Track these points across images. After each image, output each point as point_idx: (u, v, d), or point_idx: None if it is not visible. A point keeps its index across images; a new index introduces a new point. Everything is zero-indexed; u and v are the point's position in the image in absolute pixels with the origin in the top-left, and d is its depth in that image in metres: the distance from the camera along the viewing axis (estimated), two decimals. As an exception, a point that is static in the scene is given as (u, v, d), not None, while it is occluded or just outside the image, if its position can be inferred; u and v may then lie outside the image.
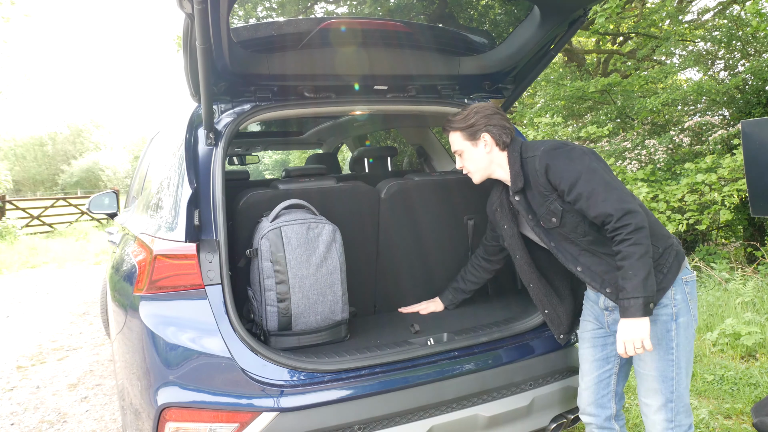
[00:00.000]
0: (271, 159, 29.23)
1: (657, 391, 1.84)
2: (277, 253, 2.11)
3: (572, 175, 1.79)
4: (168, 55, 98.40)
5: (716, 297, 4.65)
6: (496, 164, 2.02)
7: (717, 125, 6.43)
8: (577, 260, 1.91)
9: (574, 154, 1.82)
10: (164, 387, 1.78)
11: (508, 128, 2.00)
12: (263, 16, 10.10)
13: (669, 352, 1.82)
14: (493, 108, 2.02)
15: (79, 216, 17.95)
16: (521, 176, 1.93)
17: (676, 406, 1.83)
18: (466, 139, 2.02)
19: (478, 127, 1.98)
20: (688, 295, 1.85)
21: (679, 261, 1.85)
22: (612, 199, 1.73)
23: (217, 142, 2.15)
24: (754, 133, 2.55)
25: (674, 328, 1.81)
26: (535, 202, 1.93)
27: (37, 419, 3.58)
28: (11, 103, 28.26)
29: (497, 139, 1.98)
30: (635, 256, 1.69)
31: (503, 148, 1.99)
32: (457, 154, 2.08)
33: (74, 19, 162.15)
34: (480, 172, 2.05)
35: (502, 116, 2.01)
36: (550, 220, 1.89)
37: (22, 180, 41.05)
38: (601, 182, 1.76)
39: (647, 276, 1.68)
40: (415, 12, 8.61)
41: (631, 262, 1.69)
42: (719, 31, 6.72)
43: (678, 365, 1.82)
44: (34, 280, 9.34)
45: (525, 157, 1.94)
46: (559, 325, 2.14)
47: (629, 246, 1.70)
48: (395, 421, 1.90)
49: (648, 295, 1.68)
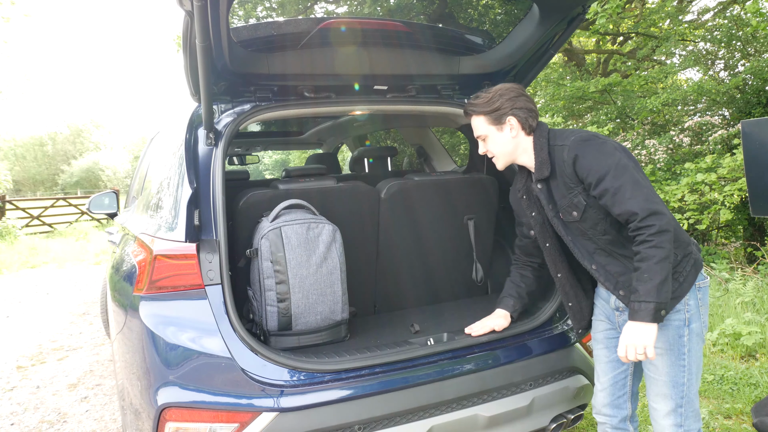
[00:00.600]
0: (271, 159, 29.23)
1: (667, 396, 1.81)
2: (277, 253, 2.11)
3: (601, 169, 1.72)
4: (168, 55, 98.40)
5: (716, 297, 4.65)
6: (522, 149, 1.93)
7: (717, 125, 6.43)
8: (593, 258, 1.87)
9: (606, 148, 1.75)
10: (164, 387, 1.78)
11: (533, 111, 1.92)
12: (263, 16, 10.10)
13: (681, 358, 1.79)
14: (518, 89, 1.93)
15: (79, 216, 17.95)
16: (548, 164, 1.85)
17: (685, 411, 1.81)
18: (490, 124, 1.92)
19: (503, 111, 1.89)
20: (700, 301, 1.82)
21: (696, 270, 1.81)
22: (639, 198, 1.67)
23: (217, 142, 2.15)
24: (754, 133, 2.55)
25: (686, 334, 1.78)
26: (557, 192, 1.86)
27: (37, 419, 3.58)
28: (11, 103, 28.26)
29: (523, 122, 1.89)
30: (654, 259, 1.64)
31: (529, 132, 1.91)
32: (480, 139, 1.99)
33: (74, 19, 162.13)
34: (505, 157, 1.97)
35: (527, 98, 1.92)
36: (571, 213, 1.83)
37: (22, 180, 41.05)
38: (630, 179, 1.69)
39: (663, 281, 1.63)
40: (415, 12, 8.61)
41: (649, 265, 1.64)
42: (719, 31, 6.72)
43: (689, 371, 1.80)
44: (34, 280, 9.33)
45: (553, 144, 1.86)
46: (581, 319, 2.08)
47: (650, 248, 1.64)
48: (395, 421, 1.89)
49: (661, 301, 1.63)
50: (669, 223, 1.66)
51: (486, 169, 3.05)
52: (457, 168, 3.66)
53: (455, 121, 2.95)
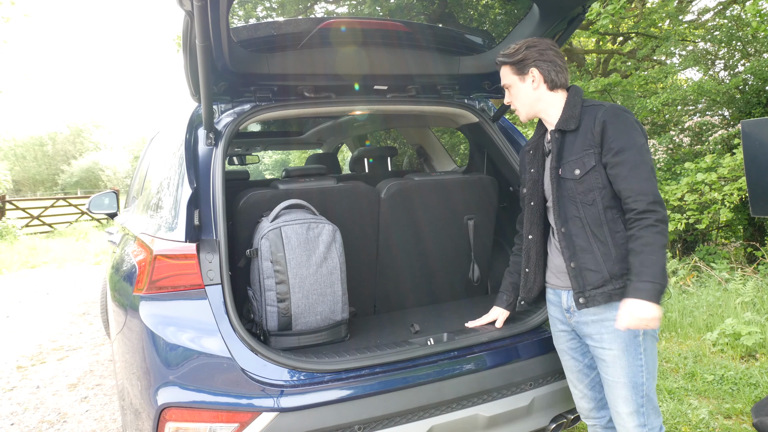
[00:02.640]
0: (271, 159, 29.24)
1: (628, 397, 1.82)
2: (277, 253, 2.11)
3: (628, 141, 1.73)
4: (168, 55, 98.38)
5: (716, 297, 4.65)
6: (546, 102, 1.92)
7: (717, 125, 6.43)
8: (567, 223, 1.87)
9: (638, 127, 1.78)
10: (164, 387, 1.78)
11: (560, 66, 1.89)
12: (263, 16, 10.10)
13: (638, 358, 1.80)
14: (548, 44, 1.91)
15: (79, 216, 17.96)
16: (575, 120, 1.84)
17: (646, 410, 1.82)
18: (514, 74, 1.93)
19: (527, 62, 1.88)
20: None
21: None
22: (653, 183, 1.71)
23: (217, 142, 2.15)
24: (754, 133, 2.54)
25: (641, 334, 1.80)
26: (569, 147, 1.85)
27: (37, 419, 3.58)
28: (11, 103, 28.28)
29: (546, 75, 1.88)
30: (658, 245, 1.66)
31: (551, 87, 1.90)
32: (506, 88, 1.99)
33: (74, 19, 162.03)
34: (526, 109, 1.96)
35: (556, 53, 1.90)
36: (574, 170, 1.82)
37: (22, 180, 41.03)
38: (649, 163, 1.73)
39: (665, 267, 1.68)
40: (415, 12, 8.61)
41: (654, 249, 1.66)
42: (719, 31, 6.72)
43: (647, 370, 1.81)
44: (34, 280, 9.34)
45: (586, 105, 1.86)
46: (529, 290, 2.07)
47: (655, 234, 1.67)
48: (395, 421, 1.89)
49: (664, 284, 1.67)
50: (666, 216, 1.71)
51: (486, 170, 3.05)
52: (457, 168, 3.66)
53: (455, 121, 2.95)
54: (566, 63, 1.93)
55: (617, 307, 1.78)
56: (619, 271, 1.78)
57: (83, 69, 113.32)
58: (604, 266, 1.79)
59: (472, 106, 2.78)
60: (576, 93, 1.90)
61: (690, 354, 3.92)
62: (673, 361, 3.85)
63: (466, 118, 2.84)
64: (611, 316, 1.81)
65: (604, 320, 1.83)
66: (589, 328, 1.88)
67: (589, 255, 1.82)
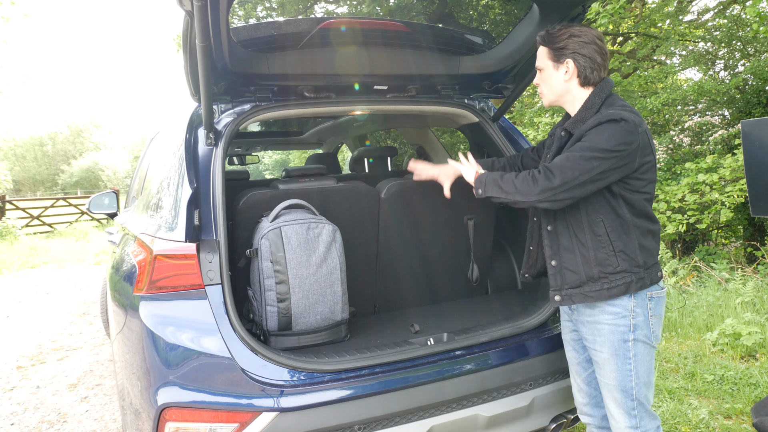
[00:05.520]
0: (271, 159, 29.23)
1: (618, 400, 1.84)
2: (277, 253, 2.11)
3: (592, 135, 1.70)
4: (168, 55, 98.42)
5: (716, 297, 4.65)
6: (572, 96, 1.88)
7: (717, 125, 6.44)
8: (554, 221, 1.88)
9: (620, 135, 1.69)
10: (164, 387, 1.78)
11: (599, 64, 1.82)
12: (263, 16, 10.10)
13: (627, 363, 1.81)
14: (592, 36, 1.82)
15: (79, 216, 17.96)
16: (582, 123, 1.81)
17: (638, 413, 1.83)
18: (549, 59, 1.87)
19: (565, 51, 1.82)
20: (650, 311, 1.81)
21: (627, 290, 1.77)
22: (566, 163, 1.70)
23: (217, 142, 2.14)
24: (754, 133, 2.54)
25: (631, 339, 1.79)
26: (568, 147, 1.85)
27: (37, 419, 3.58)
28: (11, 103, 28.28)
29: (581, 70, 1.82)
30: (516, 178, 1.80)
31: (584, 84, 1.85)
32: (538, 69, 1.94)
33: (74, 19, 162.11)
34: (551, 96, 1.93)
35: (598, 49, 1.82)
36: None
37: (22, 180, 41.03)
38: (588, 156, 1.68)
39: (495, 184, 1.87)
40: (415, 12, 8.61)
41: (512, 175, 1.83)
42: (719, 31, 6.72)
43: (637, 375, 1.81)
44: (34, 280, 9.34)
45: (600, 110, 1.81)
46: (532, 266, 2.08)
47: (522, 175, 1.79)
48: (395, 421, 1.89)
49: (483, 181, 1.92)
50: (544, 188, 1.72)
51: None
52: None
53: (455, 121, 2.94)
54: (608, 58, 1.87)
55: (610, 311, 1.80)
56: (597, 274, 1.79)
57: (83, 69, 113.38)
58: (583, 268, 1.81)
59: (472, 106, 2.78)
60: (598, 93, 1.84)
61: (690, 354, 3.92)
62: (673, 361, 3.85)
63: (466, 118, 2.83)
64: (604, 320, 1.82)
65: (597, 323, 1.84)
66: (585, 328, 1.89)
67: (570, 255, 1.84)
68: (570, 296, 1.84)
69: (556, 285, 1.88)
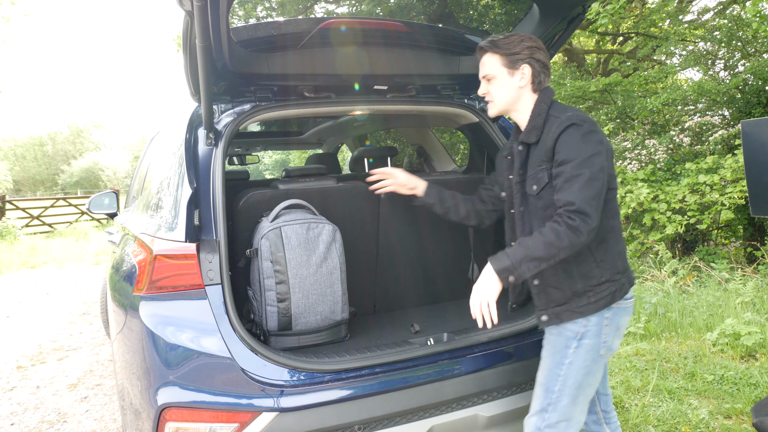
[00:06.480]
0: (271, 159, 29.24)
1: (538, 396, 1.83)
2: (277, 253, 2.11)
3: (572, 153, 1.67)
4: (168, 55, 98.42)
5: (716, 297, 4.65)
6: (522, 104, 1.86)
7: (717, 125, 6.44)
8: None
9: (591, 138, 1.68)
10: (164, 387, 1.78)
11: (548, 68, 1.85)
12: (263, 16, 10.10)
13: (559, 367, 1.78)
14: (539, 42, 1.85)
15: (79, 216, 17.96)
16: (538, 131, 1.79)
17: (549, 417, 1.79)
18: (503, 66, 1.83)
19: (521, 57, 1.81)
20: (606, 320, 1.77)
21: (612, 299, 1.77)
22: (583, 194, 1.61)
23: (217, 142, 2.14)
24: (754, 133, 2.54)
25: (574, 346, 1.76)
26: (533, 160, 1.81)
27: (37, 419, 3.58)
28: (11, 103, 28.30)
29: (535, 75, 1.82)
30: (548, 237, 1.61)
31: (536, 89, 1.84)
32: (485, 79, 1.89)
33: (74, 19, 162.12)
34: (502, 105, 1.89)
35: (545, 54, 1.84)
36: (532, 186, 1.80)
37: (22, 180, 41.03)
38: (588, 175, 1.64)
39: (534, 259, 1.62)
40: (415, 12, 8.61)
41: (538, 238, 1.62)
42: (719, 31, 6.72)
43: (564, 382, 1.77)
44: (34, 280, 9.34)
45: (550, 114, 1.79)
46: (519, 294, 2.07)
47: (553, 230, 1.61)
48: (395, 421, 1.89)
49: (515, 267, 1.63)
50: (588, 232, 1.61)
51: (486, 169, 3.04)
52: (457, 168, 3.66)
53: (455, 121, 2.95)
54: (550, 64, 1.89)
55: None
56: (582, 288, 1.75)
57: (83, 69, 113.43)
58: (567, 283, 1.77)
59: (472, 106, 2.78)
60: (543, 99, 1.83)
61: (690, 354, 3.92)
62: (673, 361, 3.85)
63: (466, 118, 2.83)
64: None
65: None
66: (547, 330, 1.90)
67: (552, 272, 1.79)
68: (557, 314, 1.79)
69: (542, 304, 1.84)
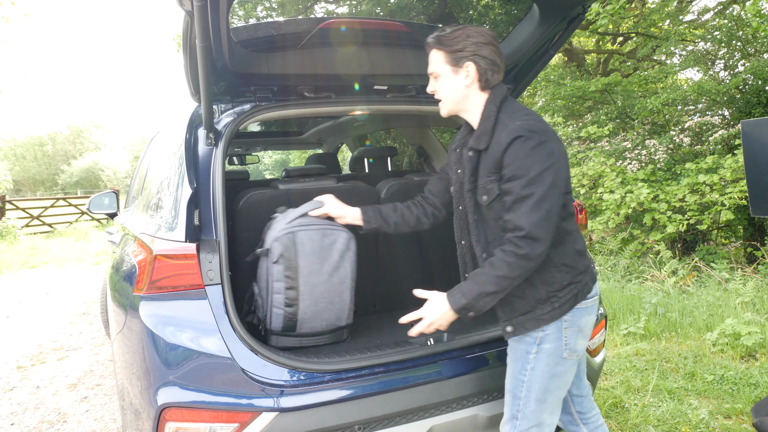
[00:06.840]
0: (271, 159, 29.25)
1: (508, 403, 1.82)
2: (289, 258, 2.08)
3: (521, 169, 1.59)
4: (168, 55, 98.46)
5: (716, 297, 4.65)
6: (471, 103, 1.78)
7: (717, 125, 6.44)
8: (488, 248, 1.78)
9: (542, 150, 1.60)
10: (164, 387, 1.78)
11: (498, 66, 1.74)
12: (263, 16, 10.10)
13: (522, 373, 1.77)
14: (489, 37, 1.74)
15: (79, 216, 17.96)
16: (487, 137, 1.70)
17: (521, 424, 1.78)
18: (447, 63, 1.76)
19: (464, 54, 1.72)
20: (564, 323, 1.74)
21: (576, 301, 1.74)
22: (533, 217, 1.57)
23: (217, 142, 2.14)
24: (754, 133, 2.54)
25: (534, 352, 1.74)
26: (482, 168, 1.73)
27: (37, 419, 3.58)
28: (11, 103, 28.31)
29: (482, 73, 1.73)
30: (499, 271, 1.60)
31: (484, 87, 1.75)
32: (432, 76, 1.84)
33: (74, 19, 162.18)
34: (450, 104, 1.81)
35: (495, 49, 1.74)
36: (482, 196, 1.73)
37: (22, 180, 41.05)
38: (539, 195, 1.57)
39: (488, 294, 1.62)
40: (415, 12, 8.61)
41: (490, 272, 1.61)
42: (719, 31, 6.72)
43: (529, 388, 1.76)
44: (34, 280, 9.34)
45: (500, 118, 1.70)
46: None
47: (504, 262, 1.59)
48: (395, 421, 1.90)
49: (473, 305, 1.64)
50: (539, 255, 1.59)
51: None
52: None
53: (455, 121, 2.94)
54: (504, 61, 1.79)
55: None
56: (545, 295, 1.71)
57: (83, 69, 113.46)
58: (528, 292, 1.73)
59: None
60: (492, 100, 1.74)
61: (690, 354, 3.92)
62: (673, 361, 3.85)
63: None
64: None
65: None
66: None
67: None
68: (522, 324, 1.75)
69: (505, 315, 1.79)
